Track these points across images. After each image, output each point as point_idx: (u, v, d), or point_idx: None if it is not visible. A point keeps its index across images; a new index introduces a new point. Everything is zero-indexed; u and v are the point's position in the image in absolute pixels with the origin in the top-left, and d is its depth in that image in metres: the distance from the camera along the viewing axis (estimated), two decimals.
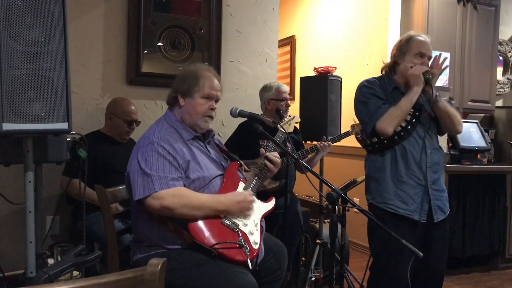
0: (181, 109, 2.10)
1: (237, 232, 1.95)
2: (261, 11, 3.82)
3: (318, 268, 3.19)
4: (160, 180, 1.86)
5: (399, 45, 2.43)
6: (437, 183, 2.38)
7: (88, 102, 3.21)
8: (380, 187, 2.39)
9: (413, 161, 2.34)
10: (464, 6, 4.32)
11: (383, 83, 2.45)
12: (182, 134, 2.06)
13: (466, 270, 4.17)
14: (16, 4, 1.56)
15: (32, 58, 1.61)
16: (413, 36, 2.40)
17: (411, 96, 2.31)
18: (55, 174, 2.92)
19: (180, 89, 2.10)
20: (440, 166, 2.42)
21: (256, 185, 2.17)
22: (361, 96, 2.43)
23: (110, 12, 3.28)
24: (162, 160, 1.90)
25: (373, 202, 2.42)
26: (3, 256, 2.64)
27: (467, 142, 4.17)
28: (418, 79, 2.30)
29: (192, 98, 2.08)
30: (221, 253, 1.86)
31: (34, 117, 1.62)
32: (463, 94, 4.39)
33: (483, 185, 4.16)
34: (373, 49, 4.62)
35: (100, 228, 2.50)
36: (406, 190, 2.33)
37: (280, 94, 3.27)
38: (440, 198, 2.39)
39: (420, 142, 2.36)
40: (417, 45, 2.37)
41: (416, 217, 2.31)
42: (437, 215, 2.35)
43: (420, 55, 2.36)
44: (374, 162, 2.44)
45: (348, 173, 4.01)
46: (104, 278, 0.95)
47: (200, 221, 1.90)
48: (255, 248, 1.97)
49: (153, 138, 1.96)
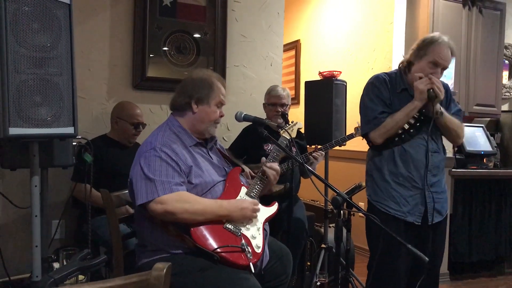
0: (194, 115, 2.10)
1: (239, 236, 1.95)
2: (266, 16, 3.83)
3: (324, 272, 3.18)
4: (163, 185, 1.86)
5: (421, 44, 2.34)
6: (436, 186, 2.38)
7: (94, 106, 3.23)
8: (375, 185, 2.42)
9: (412, 164, 2.33)
10: (470, 10, 4.31)
11: (393, 81, 2.42)
12: (184, 140, 2.06)
13: (472, 275, 4.14)
14: (23, 10, 1.57)
15: (38, 63, 1.62)
16: (437, 40, 2.29)
17: (408, 111, 2.30)
18: (61, 179, 2.93)
19: (195, 96, 2.09)
20: (440, 169, 2.42)
21: (259, 191, 2.17)
22: (367, 95, 2.44)
23: (115, 17, 3.30)
24: (165, 165, 1.91)
25: (369, 199, 2.45)
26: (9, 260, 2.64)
27: (473, 147, 4.15)
28: (422, 95, 2.27)
29: (207, 105, 2.10)
30: (223, 257, 1.86)
31: (40, 121, 1.63)
32: (469, 98, 4.37)
33: (489, 189, 4.14)
34: (378, 53, 4.62)
35: (105, 232, 2.51)
36: (401, 192, 2.34)
37: (270, 99, 3.26)
38: (439, 200, 2.38)
39: (422, 145, 2.35)
40: (435, 53, 2.28)
41: (409, 219, 2.32)
42: (433, 217, 2.35)
43: (435, 63, 2.30)
44: (373, 160, 2.45)
45: (353, 177, 3.99)
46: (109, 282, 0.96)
47: (202, 225, 1.90)
48: (258, 252, 1.97)
49: (155, 144, 1.96)
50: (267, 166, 2.20)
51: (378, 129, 2.34)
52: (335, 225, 1.87)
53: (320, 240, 3.45)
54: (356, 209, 1.88)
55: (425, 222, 2.34)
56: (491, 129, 4.66)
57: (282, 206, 3.01)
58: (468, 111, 4.38)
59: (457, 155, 4.09)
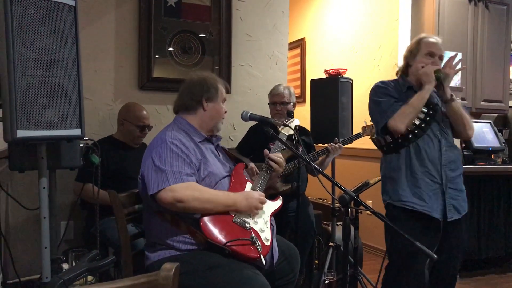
0: (205, 113, 2.19)
1: (248, 229, 1.99)
2: (271, 15, 3.83)
3: (332, 271, 3.17)
4: (174, 175, 1.91)
5: (409, 47, 2.49)
6: (454, 182, 2.37)
7: (101, 107, 3.24)
8: (396, 185, 2.39)
9: (428, 159, 2.33)
10: (476, 5, 4.29)
11: (397, 84, 2.48)
12: (193, 136, 2.12)
13: (482, 272, 4.11)
14: (29, 13, 1.58)
15: (45, 65, 1.63)
16: (423, 38, 2.45)
17: (423, 94, 2.32)
18: (68, 180, 2.94)
19: (205, 95, 2.19)
20: (457, 164, 2.41)
21: (263, 185, 2.22)
22: (375, 95, 2.46)
23: (121, 19, 3.31)
24: (176, 157, 1.96)
25: (390, 202, 2.41)
26: (19, 261, 2.66)
27: (481, 143, 4.12)
28: (429, 77, 2.32)
29: (216, 103, 2.21)
30: (234, 250, 1.88)
31: (48, 123, 1.63)
32: (476, 94, 4.35)
33: (498, 186, 4.11)
34: (384, 50, 4.60)
35: (113, 233, 2.51)
36: (422, 187, 2.32)
37: (272, 98, 3.25)
38: (457, 197, 2.37)
39: (435, 140, 2.36)
40: (426, 46, 2.41)
41: (434, 214, 2.30)
42: (451, 214, 2.33)
43: (430, 54, 2.39)
44: (390, 163, 2.44)
45: (361, 175, 3.99)
46: (118, 283, 0.96)
47: (212, 220, 1.93)
48: (267, 245, 2.00)
49: (165, 138, 2.02)
50: (270, 157, 2.26)
51: (396, 116, 2.32)
52: (343, 223, 1.86)
53: (328, 239, 3.45)
54: (363, 207, 1.88)
55: (445, 219, 2.33)
56: (499, 124, 4.62)
57: (289, 205, 3.02)
58: (475, 107, 4.36)
59: (465, 151, 4.06)
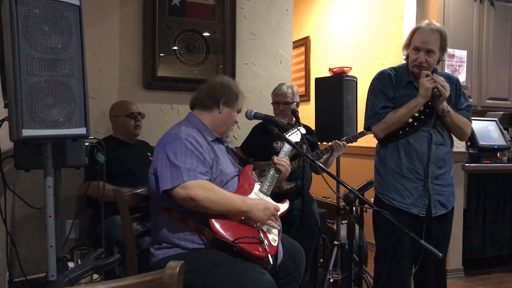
0: (219, 115, 2.19)
1: (256, 229, 2.00)
2: (275, 13, 3.82)
3: (336, 269, 3.17)
4: (188, 172, 1.91)
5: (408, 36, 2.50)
6: (441, 178, 2.39)
7: (105, 107, 3.25)
8: (381, 178, 2.46)
9: (416, 156, 2.36)
10: (481, 3, 4.26)
11: (399, 75, 2.48)
12: (205, 135, 2.12)
13: (487, 271, 4.10)
14: (34, 13, 1.58)
15: (50, 65, 1.63)
16: (418, 28, 2.42)
17: (411, 107, 2.35)
18: (74, 179, 2.95)
19: (224, 98, 2.20)
20: (446, 161, 2.42)
21: (270, 187, 2.22)
22: (371, 90, 2.52)
23: (125, 18, 3.32)
24: (190, 154, 1.96)
25: (376, 193, 2.49)
26: (25, 260, 2.67)
27: (486, 141, 4.10)
28: (426, 92, 2.32)
29: (232, 109, 2.23)
30: (242, 248, 1.89)
31: (53, 123, 1.64)
32: (481, 92, 4.33)
33: (503, 184, 4.09)
34: (389, 48, 4.59)
35: (119, 232, 2.53)
36: (405, 184, 2.37)
37: (274, 97, 3.25)
38: (443, 193, 2.39)
39: (426, 137, 2.37)
40: (414, 39, 2.41)
41: (413, 211, 2.34)
42: (436, 209, 2.37)
43: (415, 49, 2.40)
44: (379, 154, 2.51)
45: (365, 173, 3.97)
46: (123, 281, 0.96)
47: (220, 218, 1.94)
48: (274, 245, 2.01)
49: (180, 134, 2.02)
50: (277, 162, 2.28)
51: (380, 124, 2.42)
52: (348, 222, 1.87)
53: (332, 237, 3.44)
54: (368, 205, 1.88)
55: (430, 215, 2.36)
56: (505, 122, 4.59)
57: (294, 203, 3.02)
58: (480, 105, 4.34)
59: (470, 149, 4.05)
